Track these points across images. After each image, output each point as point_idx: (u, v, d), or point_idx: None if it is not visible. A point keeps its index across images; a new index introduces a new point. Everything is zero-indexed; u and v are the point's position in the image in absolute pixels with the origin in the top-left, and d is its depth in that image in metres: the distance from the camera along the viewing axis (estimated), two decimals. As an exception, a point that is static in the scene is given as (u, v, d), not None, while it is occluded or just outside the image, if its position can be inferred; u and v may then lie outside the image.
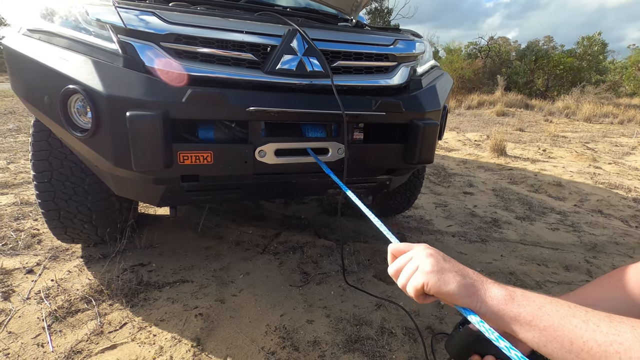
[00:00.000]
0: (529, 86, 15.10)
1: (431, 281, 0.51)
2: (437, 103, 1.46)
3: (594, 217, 2.68)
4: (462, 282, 0.51)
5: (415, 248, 0.58)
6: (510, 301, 0.48)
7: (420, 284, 0.52)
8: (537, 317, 0.45)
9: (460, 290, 0.50)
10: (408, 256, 0.57)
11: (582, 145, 5.74)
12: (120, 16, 1.17)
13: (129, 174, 1.19)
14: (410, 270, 0.54)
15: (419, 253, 0.56)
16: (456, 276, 0.51)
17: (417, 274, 0.53)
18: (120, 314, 1.41)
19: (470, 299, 0.50)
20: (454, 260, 0.55)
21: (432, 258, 0.53)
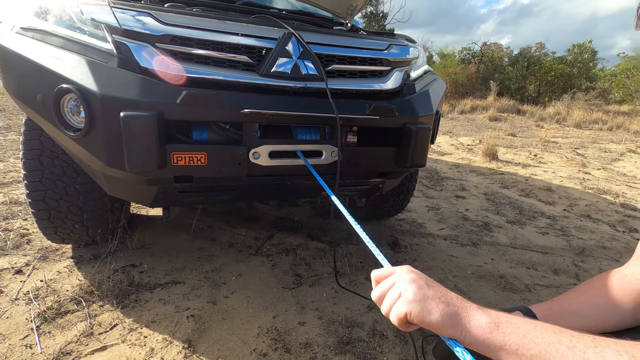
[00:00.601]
0: (521, 92, 15.31)
1: (414, 311, 0.49)
2: (429, 108, 1.48)
3: (583, 221, 2.72)
4: (446, 310, 0.49)
5: (398, 272, 0.55)
6: (495, 329, 0.47)
7: (403, 313, 0.50)
8: (523, 345, 0.44)
9: (444, 320, 0.48)
10: (391, 281, 0.55)
11: (572, 150, 5.83)
12: (116, 16, 1.17)
13: (122, 174, 1.18)
14: (393, 297, 0.52)
15: (401, 278, 0.54)
16: (439, 304, 0.49)
17: (399, 303, 0.51)
18: (111, 315, 1.40)
19: (455, 329, 0.48)
20: (437, 284, 0.53)
21: (414, 284, 0.51)
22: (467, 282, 1.77)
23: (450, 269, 1.89)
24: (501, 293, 1.68)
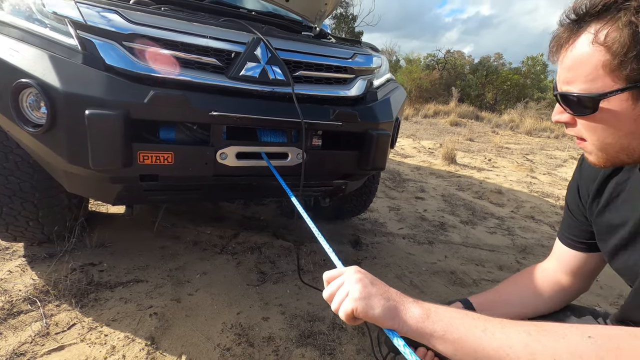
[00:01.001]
0: (480, 99, 16.19)
1: (359, 307, 0.55)
2: (390, 115, 1.58)
3: (527, 222, 2.98)
4: (386, 305, 0.55)
5: (346, 272, 0.61)
6: (426, 319, 0.53)
7: (350, 309, 0.55)
8: (448, 331, 0.51)
9: (385, 314, 0.54)
10: (340, 281, 0.60)
11: (523, 156, 6.30)
12: (81, 11, 1.15)
13: (85, 172, 1.17)
14: (342, 296, 0.58)
15: (349, 278, 0.59)
16: (381, 300, 0.55)
17: (347, 301, 0.56)
18: (69, 315, 1.37)
19: (394, 321, 0.54)
20: (380, 282, 0.59)
21: (360, 283, 0.57)
22: (422, 277, 1.90)
23: (407, 265, 2.02)
24: (451, 287, 1.83)
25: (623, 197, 0.70)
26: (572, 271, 0.85)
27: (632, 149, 0.57)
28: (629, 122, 0.54)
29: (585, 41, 0.53)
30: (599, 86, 0.53)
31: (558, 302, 0.88)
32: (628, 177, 0.69)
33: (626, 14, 0.49)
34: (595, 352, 0.41)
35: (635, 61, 0.49)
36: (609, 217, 0.73)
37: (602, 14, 0.52)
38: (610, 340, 0.42)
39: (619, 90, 0.52)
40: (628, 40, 0.49)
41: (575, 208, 0.83)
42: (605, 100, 0.53)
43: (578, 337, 0.44)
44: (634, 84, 0.51)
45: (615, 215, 0.71)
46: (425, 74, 15.72)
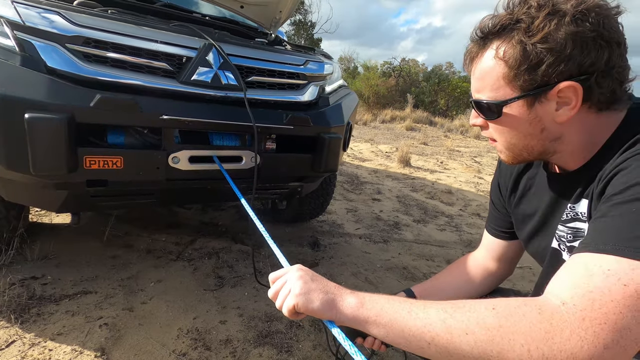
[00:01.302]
0: (434, 105, 17.03)
1: (300, 302, 0.58)
2: (341, 119, 1.66)
3: (473, 219, 3.21)
4: (324, 298, 0.58)
5: (290, 272, 0.64)
6: (361, 307, 0.57)
7: (292, 305, 0.58)
8: (379, 316, 0.55)
9: (323, 306, 0.57)
10: (283, 280, 0.63)
11: (471, 158, 6.73)
12: (18, 12, 1.11)
13: (25, 178, 1.12)
14: (284, 294, 0.61)
15: (291, 276, 0.62)
16: (320, 294, 0.59)
17: (289, 297, 0.59)
18: (7, 332, 1.29)
19: (332, 312, 0.57)
20: (320, 278, 0.63)
21: (301, 280, 0.60)
22: (376, 274, 1.99)
23: (363, 263, 2.10)
24: (404, 282, 1.94)
25: (533, 190, 0.81)
26: (497, 257, 0.96)
27: (531, 147, 0.67)
28: (526, 124, 0.63)
29: (490, 56, 0.62)
30: (501, 94, 0.62)
31: (487, 286, 0.98)
32: (536, 172, 0.81)
33: (518, 33, 0.58)
34: (497, 319, 0.48)
35: (527, 73, 0.58)
36: (523, 208, 0.84)
37: (501, 32, 0.61)
38: (507, 308, 0.49)
39: (515, 98, 0.61)
40: (520, 55, 0.58)
41: (497, 201, 0.94)
42: (506, 106, 0.62)
43: (484, 309, 0.50)
44: (527, 93, 0.60)
45: (528, 206, 0.82)
46: (382, 81, 16.28)
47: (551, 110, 0.60)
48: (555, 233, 0.72)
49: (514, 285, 1.97)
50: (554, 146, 0.65)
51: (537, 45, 0.56)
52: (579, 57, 0.55)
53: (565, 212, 0.69)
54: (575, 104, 0.58)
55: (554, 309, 0.46)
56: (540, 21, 0.56)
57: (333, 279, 1.92)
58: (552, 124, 0.62)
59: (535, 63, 0.57)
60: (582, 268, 0.49)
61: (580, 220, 0.66)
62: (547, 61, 0.56)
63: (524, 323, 0.46)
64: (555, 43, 0.55)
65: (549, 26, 0.55)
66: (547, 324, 0.45)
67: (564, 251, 0.71)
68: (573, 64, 0.56)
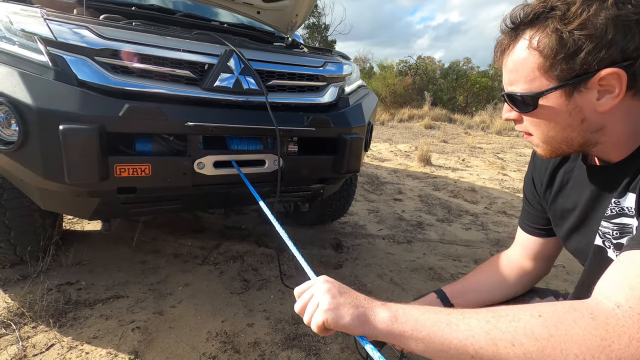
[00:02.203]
0: (452, 102, 16.72)
1: (329, 318, 0.55)
2: (362, 119, 1.64)
3: (499, 217, 3.12)
4: (355, 313, 0.55)
5: (316, 284, 0.61)
6: (394, 321, 0.54)
7: (321, 321, 0.56)
8: (416, 329, 0.52)
9: (354, 322, 0.55)
10: (309, 294, 0.61)
11: (494, 155, 6.55)
12: (50, 28, 1.16)
13: (60, 187, 1.16)
14: (312, 308, 0.58)
15: (318, 289, 0.59)
16: (350, 309, 0.56)
17: (317, 313, 0.57)
18: (46, 336, 1.34)
19: (364, 327, 0.55)
20: (348, 290, 0.60)
21: (329, 294, 0.57)
22: (402, 275, 1.96)
23: (387, 264, 2.08)
24: (430, 283, 1.90)
25: (571, 184, 0.78)
26: (533, 256, 0.92)
27: (571, 140, 0.63)
28: (565, 116, 0.60)
29: (522, 46, 0.60)
30: (536, 86, 0.60)
31: (523, 286, 0.94)
32: (574, 165, 0.77)
33: (553, 22, 0.56)
34: (547, 328, 0.44)
35: (564, 62, 0.55)
36: (561, 203, 0.80)
37: (534, 22, 0.58)
38: (555, 315, 0.46)
39: (552, 88, 0.58)
40: (556, 44, 0.55)
41: (532, 197, 0.90)
42: (543, 97, 0.60)
43: (529, 317, 0.46)
44: (565, 82, 0.57)
45: (566, 201, 0.78)
46: (399, 80, 16.13)
47: (592, 99, 0.57)
48: (599, 230, 0.69)
49: (547, 285, 1.90)
50: (595, 137, 0.62)
51: (574, 32, 0.53)
52: (622, 42, 0.52)
53: (610, 207, 0.66)
54: (619, 92, 0.55)
55: (609, 313, 0.43)
56: (578, 7, 0.53)
57: (358, 281, 1.91)
58: (594, 113, 0.59)
59: (573, 51, 0.54)
60: (636, 267, 0.46)
61: (627, 216, 0.63)
62: (587, 48, 0.53)
63: (576, 331, 0.43)
64: (594, 29, 0.52)
65: (587, 11, 0.53)
66: (603, 330, 0.42)
67: (609, 248, 0.67)
68: (615, 50, 0.53)
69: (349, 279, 1.88)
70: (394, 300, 1.71)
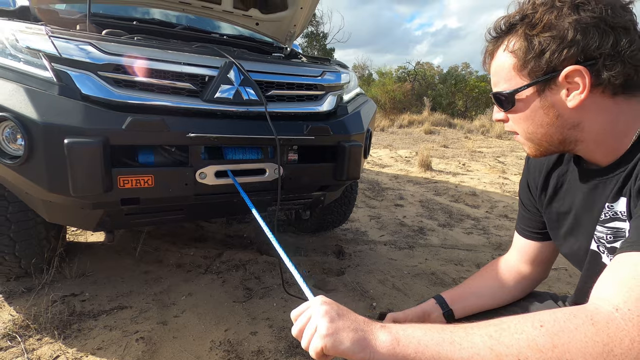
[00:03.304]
0: (451, 107, 16.79)
1: (328, 344, 0.54)
2: (361, 127, 1.67)
3: (501, 221, 3.12)
4: (355, 337, 0.54)
5: (313, 305, 0.59)
6: (396, 345, 0.52)
7: (319, 348, 0.54)
8: (419, 351, 0.51)
9: (354, 347, 0.53)
10: (307, 316, 0.59)
11: (494, 159, 6.56)
12: (55, 45, 1.19)
13: (65, 200, 1.19)
14: (310, 333, 0.56)
15: (316, 311, 0.58)
16: (349, 333, 0.54)
17: (315, 338, 0.55)
18: (51, 348, 1.35)
19: (364, 352, 0.53)
20: (347, 312, 0.58)
21: (327, 317, 0.56)
22: (404, 280, 1.97)
23: (389, 270, 2.08)
24: (432, 288, 1.90)
25: (565, 187, 0.79)
26: (531, 260, 0.92)
27: (550, 136, 0.67)
28: (540, 112, 0.65)
29: (502, 51, 0.67)
30: (512, 84, 0.66)
31: (521, 290, 0.94)
32: (567, 169, 0.78)
33: (522, 27, 0.63)
34: (550, 338, 0.45)
35: (533, 61, 0.62)
36: (556, 206, 0.81)
37: (511, 29, 0.65)
38: (556, 323, 0.46)
39: (525, 85, 0.64)
40: (525, 46, 0.62)
41: (527, 202, 0.91)
42: (518, 94, 0.66)
43: (531, 329, 0.46)
44: (536, 80, 0.63)
45: (561, 204, 0.79)
46: (398, 86, 16.23)
47: (562, 96, 0.62)
48: (594, 234, 0.69)
49: (549, 288, 1.90)
50: (573, 134, 0.66)
51: (539, 35, 0.60)
52: (582, 42, 0.58)
53: (604, 211, 0.67)
54: (584, 88, 0.59)
55: (608, 317, 0.44)
56: (542, 12, 0.60)
57: (360, 287, 1.91)
58: (566, 110, 0.63)
59: (540, 51, 0.60)
60: (631, 269, 0.46)
61: (620, 220, 0.64)
62: (550, 48, 0.59)
63: (578, 338, 0.43)
64: (557, 31, 0.59)
65: (549, 16, 0.59)
66: (604, 335, 0.42)
67: (603, 253, 0.68)
68: (577, 49, 0.58)
69: (351, 286, 1.88)
70: (397, 306, 1.71)
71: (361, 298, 1.78)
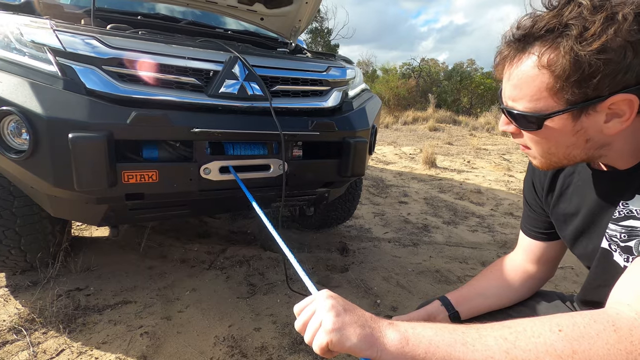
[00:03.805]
0: (456, 104, 16.67)
1: (334, 339, 0.51)
2: (366, 123, 1.65)
3: (506, 218, 3.09)
4: (362, 334, 0.51)
5: (318, 299, 0.56)
6: (406, 343, 0.50)
7: (324, 343, 0.52)
8: (430, 352, 0.49)
9: (361, 343, 0.51)
10: (311, 310, 0.56)
11: (500, 156, 6.51)
12: (59, 39, 1.19)
13: (69, 195, 1.19)
14: (314, 327, 0.53)
15: (320, 305, 0.55)
16: (356, 329, 0.51)
17: (320, 333, 0.52)
18: (57, 341, 1.36)
19: (371, 350, 0.51)
20: (353, 307, 0.56)
21: (333, 312, 0.53)
22: (408, 278, 1.96)
23: (394, 267, 2.07)
24: (437, 285, 1.89)
25: (572, 188, 0.76)
26: (537, 259, 0.90)
27: (573, 157, 0.62)
28: (569, 136, 0.58)
29: (530, 63, 0.55)
30: (542, 106, 0.56)
31: (528, 290, 0.93)
32: (574, 170, 0.76)
33: (568, 41, 0.51)
34: (569, 344, 0.43)
35: (576, 86, 0.52)
36: (563, 207, 0.79)
37: (545, 36, 0.54)
38: (576, 328, 0.44)
39: (560, 111, 0.55)
40: (569, 66, 0.51)
41: (533, 201, 0.89)
42: (548, 119, 0.57)
43: (549, 333, 0.44)
44: (574, 106, 0.54)
45: (568, 205, 0.77)
46: (402, 83, 16.13)
47: (599, 122, 0.55)
48: (606, 232, 0.67)
49: (556, 287, 1.88)
50: (599, 152, 0.61)
51: (591, 55, 0.49)
52: (639, 67, 0.50)
53: (618, 209, 0.64)
54: (629, 117, 0.53)
55: (631, 324, 0.42)
56: (597, 27, 0.49)
57: (364, 284, 1.90)
58: (599, 134, 0.57)
59: (589, 75, 0.50)
60: None
61: (635, 218, 0.61)
62: (602, 73, 0.50)
63: (599, 344, 0.41)
64: (613, 53, 0.49)
65: (606, 34, 0.49)
66: (628, 342, 0.40)
67: (615, 252, 0.66)
68: (631, 75, 0.50)
69: (355, 283, 1.88)
70: (401, 303, 1.71)
71: (365, 295, 1.77)
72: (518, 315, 0.90)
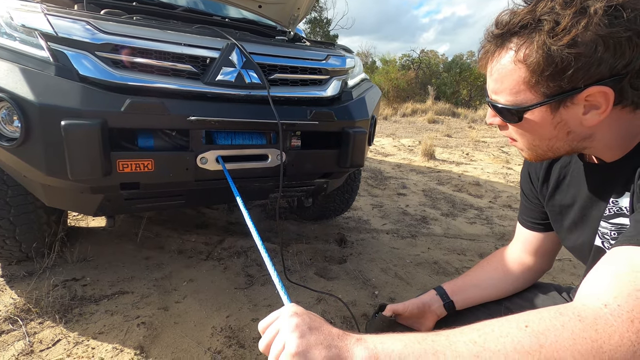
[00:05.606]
0: (456, 96, 16.61)
1: None
2: (366, 113, 1.63)
3: (504, 211, 3.09)
4: (328, 355, 0.48)
5: (281, 317, 0.53)
6: None
7: None
8: None
9: None
10: (275, 329, 0.53)
11: (498, 149, 6.50)
12: (51, 23, 1.15)
13: (63, 184, 1.16)
14: (278, 349, 0.50)
15: (284, 325, 0.51)
16: (322, 351, 0.48)
17: (283, 357, 0.49)
18: (53, 332, 1.35)
19: None
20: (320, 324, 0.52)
21: (297, 332, 0.50)
22: (406, 269, 1.96)
23: (392, 259, 2.07)
24: (435, 277, 1.89)
25: (568, 179, 0.76)
26: (534, 251, 0.90)
27: (557, 148, 0.63)
28: (550, 128, 0.59)
29: (508, 58, 0.57)
30: (521, 99, 0.58)
31: (525, 282, 0.93)
32: (570, 160, 0.75)
33: (540, 36, 0.52)
34: (536, 339, 0.42)
35: (550, 79, 0.53)
36: (559, 199, 0.78)
37: (520, 32, 0.55)
38: (542, 322, 0.43)
39: (537, 104, 0.57)
40: (542, 61, 0.52)
41: (529, 192, 0.88)
42: (528, 112, 0.59)
43: (517, 330, 0.44)
44: (550, 98, 0.55)
45: (564, 196, 0.77)
46: (402, 74, 16.02)
47: (578, 114, 0.56)
48: (598, 230, 0.67)
49: (553, 279, 1.88)
50: (583, 144, 0.61)
51: (562, 49, 0.50)
52: (611, 60, 0.50)
53: (608, 207, 0.64)
54: (605, 109, 0.53)
55: (596, 313, 0.41)
56: (567, 22, 0.50)
57: (362, 275, 1.90)
58: (580, 127, 0.58)
59: (561, 68, 0.52)
60: (624, 264, 0.44)
61: (624, 216, 0.61)
62: (575, 66, 0.51)
63: (565, 335, 0.41)
64: (584, 47, 0.50)
65: (576, 28, 0.49)
66: (592, 331, 0.40)
67: (607, 249, 0.66)
68: (604, 67, 0.51)
69: (354, 274, 1.87)
70: (399, 294, 1.71)
71: (363, 286, 1.77)
72: (513, 306, 0.91)
